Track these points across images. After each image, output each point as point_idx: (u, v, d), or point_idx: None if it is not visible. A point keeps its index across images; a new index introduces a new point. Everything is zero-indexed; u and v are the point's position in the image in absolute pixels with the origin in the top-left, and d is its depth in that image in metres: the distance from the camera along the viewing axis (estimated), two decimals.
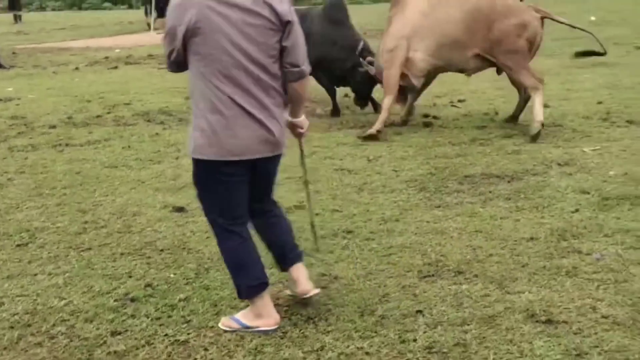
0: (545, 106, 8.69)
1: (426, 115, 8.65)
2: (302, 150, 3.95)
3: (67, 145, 7.79)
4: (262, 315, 3.60)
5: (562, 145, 7.03)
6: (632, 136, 7.24)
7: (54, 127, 8.71)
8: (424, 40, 7.55)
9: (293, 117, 3.65)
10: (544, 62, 13.18)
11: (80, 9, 40.38)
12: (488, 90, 10.18)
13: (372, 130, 7.60)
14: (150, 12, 23.68)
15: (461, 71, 7.94)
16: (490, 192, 5.71)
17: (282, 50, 3.39)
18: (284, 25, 3.34)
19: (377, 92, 8.84)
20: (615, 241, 4.56)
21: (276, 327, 3.59)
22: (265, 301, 3.61)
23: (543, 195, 5.55)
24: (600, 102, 8.94)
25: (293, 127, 3.71)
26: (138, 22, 27.72)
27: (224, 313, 3.81)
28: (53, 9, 40.40)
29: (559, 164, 6.35)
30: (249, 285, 3.60)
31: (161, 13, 23.77)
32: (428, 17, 7.57)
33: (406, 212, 5.33)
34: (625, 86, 10.08)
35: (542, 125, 7.17)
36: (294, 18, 3.38)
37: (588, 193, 5.52)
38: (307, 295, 3.78)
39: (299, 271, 3.80)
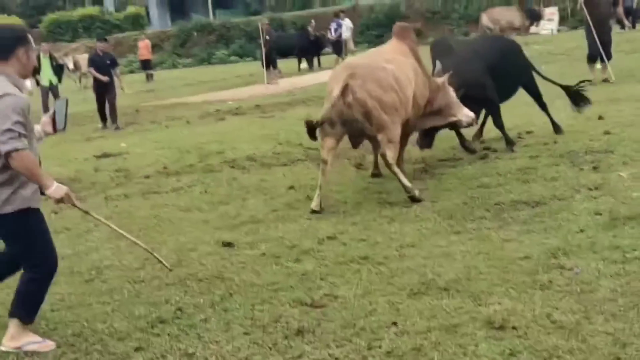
0: (607, 133, 9.00)
1: (487, 148, 9.07)
2: (80, 209, 4.81)
3: (154, 192, 8.73)
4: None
5: (603, 170, 7.31)
6: None
7: (148, 177, 9.72)
8: None
9: (43, 189, 4.33)
10: (634, 87, 13.26)
11: (209, 63, 42.52)
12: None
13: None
14: (264, 65, 24.88)
15: None
16: (511, 217, 6.14)
17: None
18: None
19: None
20: (601, 257, 4.94)
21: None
22: None
23: (557, 218, 5.93)
24: None
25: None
26: (258, 74, 29.12)
27: (232, 330, 4.48)
28: (184, 66, 42.75)
29: (589, 189, 6.67)
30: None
31: (273, 65, 25.08)
32: None
33: (425, 238, 5.85)
34: None
35: (316, 213, 6.95)
36: None
37: (600, 214, 5.87)
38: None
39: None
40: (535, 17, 27.63)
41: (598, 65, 15.17)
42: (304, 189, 8.02)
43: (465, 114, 8.17)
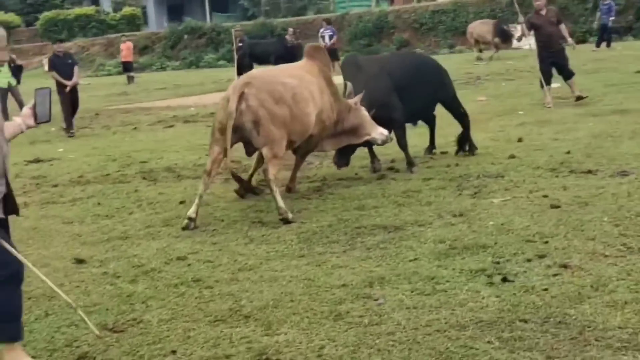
0: (512, 157, 8.98)
1: (391, 168, 9.06)
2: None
3: (53, 202, 8.73)
4: None
5: (482, 196, 7.29)
6: (557, 186, 7.38)
7: (56, 185, 9.72)
8: None
9: None
10: (570, 110, 13.20)
11: (197, 67, 42.55)
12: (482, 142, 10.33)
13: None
14: (237, 72, 24.99)
15: None
16: (362, 242, 6.12)
17: None
18: None
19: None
20: (412, 288, 4.92)
21: None
22: None
23: (402, 245, 5.90)
24: (568, 152, 9.00)
25: None
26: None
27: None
28: (173, 69, 42.80)
29: (454, 215, 6.64)
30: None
31: (247, 71, 25.10)
32: None
33: (267, 262, 5.82)
34: (614, 135, 9.99)
35: (191, 220, 7.06)
36: None
37: (443, 243, 5.84)
38: None
39: None
40: (504, 35, 27.30)
41: (556, 84, 14.99)
42: None
43: (379, 132, 8.31)
